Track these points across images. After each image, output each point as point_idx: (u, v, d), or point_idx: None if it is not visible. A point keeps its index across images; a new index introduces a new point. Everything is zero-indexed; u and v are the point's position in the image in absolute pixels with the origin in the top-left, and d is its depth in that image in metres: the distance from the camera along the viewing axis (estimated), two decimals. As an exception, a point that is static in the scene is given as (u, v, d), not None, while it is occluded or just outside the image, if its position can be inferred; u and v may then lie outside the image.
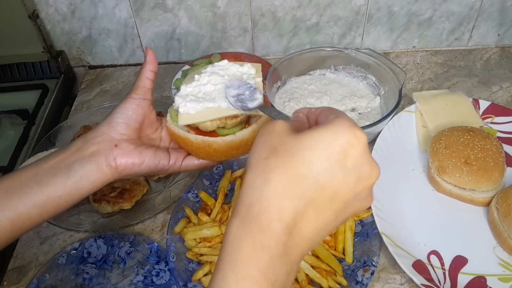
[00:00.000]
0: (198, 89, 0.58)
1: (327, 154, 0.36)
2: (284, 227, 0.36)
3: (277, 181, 0.36)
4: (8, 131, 1.07)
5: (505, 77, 1.12)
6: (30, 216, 0.51)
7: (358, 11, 1.12)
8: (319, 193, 0.36)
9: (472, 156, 0.80)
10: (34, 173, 0.52)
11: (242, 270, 0.36)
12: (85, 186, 0.53)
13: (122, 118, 0.56)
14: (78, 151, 0.54)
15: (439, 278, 0.72)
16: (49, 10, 1.11)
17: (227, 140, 0.55)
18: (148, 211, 0.85)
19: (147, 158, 0.55)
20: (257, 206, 0.37)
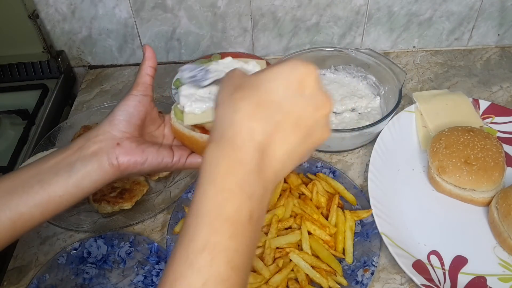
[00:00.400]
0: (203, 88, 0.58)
1: (287, 84, 0.41)
2: (256, 146, 0.39)
3: (245, 108, 0.40)
4: (8, 131, 1.07)
5: (505, 77, 1.12)
6: (31, 216, 0.51)
7: (358, 11, 1.12)
8: (284, 117, 0.40)
9: (472, 156, 0.80)
10: (35, 172, 0.52)
11: (221, 183, 0.39)
12: (87, 185, 0.53)
13: (124, 116, 0.55)
14: (80, 150, 0.53)
15: (439, 278, 0.72)
16: (49, 10, 1.11)
17: None
18: (148, 211, 0.85)
19: (150, 156, 0.55)
20: (229, 131, 0.40)
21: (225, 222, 0.38)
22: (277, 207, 0.78)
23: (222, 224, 0.38)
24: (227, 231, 0.38)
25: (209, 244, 0.37)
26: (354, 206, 0.81)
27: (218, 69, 0.59)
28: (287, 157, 0.41)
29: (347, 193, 0.82)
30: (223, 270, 0.37)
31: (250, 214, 0.39)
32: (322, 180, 0.84)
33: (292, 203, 0.79)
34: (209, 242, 0.37)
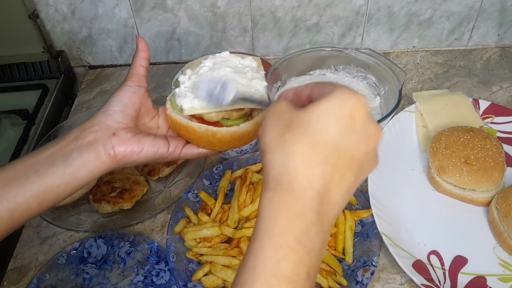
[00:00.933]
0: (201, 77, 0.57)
1: (338, 120, 0.39)
2: (315, 194, 0.38)
3: (300, 151, 0.38)
4: (8, 131, 1.07)
5: (505, 77, 1.12)
6: (28, 206, 0.51)
7: (358, 11, 1.12)
8: (339, 157, 0.39)
9: (472, 156, 0.80)
10: (31, 163, 0.51)
11: (279, 238, 0.37)
12: (83, 175, 0.52)
13: (119, 106, 0.55)
14: (75, 140, 0.52)
15: (439, 278, 0.72)
16: (49, 10, 1.11)
17: (231, 131, 0.55)
18: (148, 211, 0.85)
19: (146, 145, 0.54)
20: (285, 178, 0.38)
21: (283, 281, 0.37)
22: (277, 207, 0.78)
23: (280, 283, 0.36)
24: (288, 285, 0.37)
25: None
26: (354, 206, 0.81)
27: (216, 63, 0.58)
28: (343, 199, 0.40)
29: (347, 193, 0.82)
30: None
31: (308, 271, 0.38)
32: (322, 180, 0.83)
33: (292, 203, 0.79)
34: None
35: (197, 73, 0.58)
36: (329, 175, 0.38)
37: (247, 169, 0.86)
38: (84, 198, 0.88)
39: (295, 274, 0.37)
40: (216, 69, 0.57)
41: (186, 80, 0.58)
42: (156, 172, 0.91)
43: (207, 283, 0.71)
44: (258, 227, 0.39)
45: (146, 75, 0.58)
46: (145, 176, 0.92)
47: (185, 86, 0.57)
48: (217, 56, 0.60)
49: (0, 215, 0.50)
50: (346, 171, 0.39)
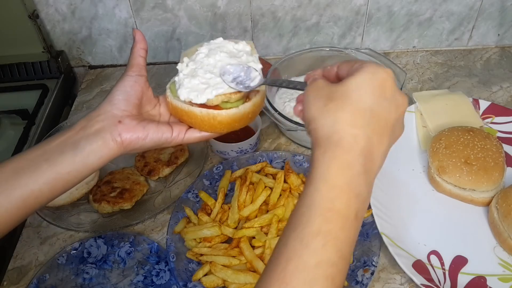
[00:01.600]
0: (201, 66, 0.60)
1: (371, 90, 0.45)
2: (361, 150, 0.44)
3: (344, 117, 0.44)
4: (8, 131, 1.07)
5: (505, 77, 1.12)
6: (41, 193, 0.53)
7: (358, 11, 1.12)
8: (376, 121, 0.45)
9: (472, 156, 0.80)
10: (41, 152, 0.54)
11: (332, 181, 0.43)
12: (93, 162, 0.55)
13: (122, 95, 0.57)
14: (83, 130, 0.55)
15: (439, 278, 0.72)
16: (49, 10, 1.11)
17: (231, 113, 0.58)
18: (148, 211, 0.85)
19: (151, 131, 0.57)
20: (335, 136, 0.44)
21: (336, 215, 0.42)
22: (277, 207, 0.78)
23: (334, 216, 0.42)
24: (337, 223, 0.42)
25: (323, 231, 0.41)
26: (354, 206, 0.81)
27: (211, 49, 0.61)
28: (382, 158, 0.46)
29: (347, 193, 0.82)
30: (333, 256, 0.41)
31: (356, 212, 0.43)
32: (322, 180, 0.83)
33: (292, 203, 0.79)
34: (322, 229, 0.41)
35: (194, 60, 0.60)
36: (370, 136, 0.44)
37: (247, 169, 0.86)
38: (84, 198, 0.88)
39: (346, 211, 0.43)
40: (212, 55, 0.60)
41: (184, 68, 0.60)
42: (156, 172, 0.91)
43: (207, 283, 0.71)
44: (312, 175, 0.44)
45: (145, 65, 0.61)
46: (145, 176, 0.92)
47: (184, 73, 0.59)
48: (212, 43, 0.62)
49: (14, 202, 0.52)
50: (383, 134, 0.45)
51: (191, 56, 0.61)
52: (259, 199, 0.80)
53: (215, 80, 0.58)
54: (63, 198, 0.86)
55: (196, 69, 0.59)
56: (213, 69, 0.59)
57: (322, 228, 0.42)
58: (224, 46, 0.61)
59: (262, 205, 0.80)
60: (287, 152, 0.91)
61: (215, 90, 0.57)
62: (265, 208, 0.80)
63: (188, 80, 0.58)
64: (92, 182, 0.89)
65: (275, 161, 0.90)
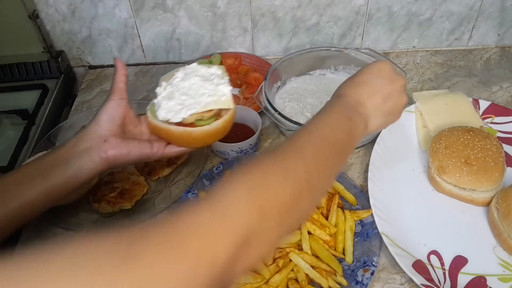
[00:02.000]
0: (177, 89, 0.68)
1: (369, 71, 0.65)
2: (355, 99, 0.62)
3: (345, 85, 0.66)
4: (8, 131, 1.07)
5: (505, 77, 1.12)
6: (37, 202, 0.60)
7: (358, 11, 1.12)
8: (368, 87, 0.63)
9: (472, 156, 0.80)
10: (36, 166, 0.62)
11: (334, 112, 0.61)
12: (83, 175, 0.62)
13: (106, 117, 0.65)
14: (73, 148, 0.63)
15: (439, 278, 0.72)
16: (49, 10, 1.11)
17: (205, 130, 0.66)
18: (148, 211, 0.85)
19: (133, 148, 0.65)
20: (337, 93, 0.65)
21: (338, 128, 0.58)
22: (277, 207, 0.78)
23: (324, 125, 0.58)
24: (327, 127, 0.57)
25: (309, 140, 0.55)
26: (354, 206, 0.81)
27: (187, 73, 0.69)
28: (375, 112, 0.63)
29: (347, 193, 0.82)
30: (327, 152, 0.53)
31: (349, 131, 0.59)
32: (322, 180, 0.83)
33: (292, 203, 0.78)
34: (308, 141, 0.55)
35: (171, 83, 0.69)
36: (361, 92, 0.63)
37: (247, 169, 0.86)
38: (84, 198, 0.88)
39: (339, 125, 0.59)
40: (187, 79, 0.68)
41: (162, 91, 0.68)
42: (156, 172, 0.91)
43: (207, 283, 0.71)
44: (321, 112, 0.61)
45: (125, 89, 0.69)
46: (145, 176, 0.92)
47: (162, 96, 0.67)
48: (187, 68, 0.70)
49: (13, 211, 0.59)
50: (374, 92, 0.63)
51: (169, 80, 0.69)
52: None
53: (189, 101, 0.65)
54: (63, 198, 0.85)
55: (173, 92, 0.67)
56: (188, 91, 0.67)
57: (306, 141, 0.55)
58: (198, 71, 0.69)
59: (262, 205, 0.80)
60: (287, 152, 0.91)
61: (190, 110, 0.64)
62: (265, 208, 0.80)
63: (166, 102, 0.66)
64: (92, 182, 0.89)
65: (275, 161, 0.90)
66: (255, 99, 0.93)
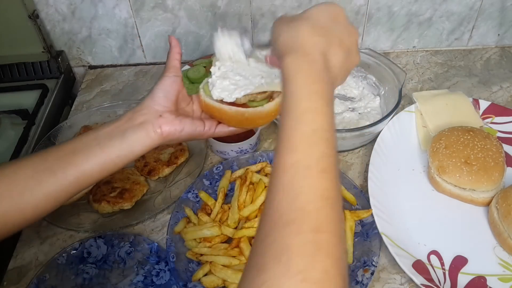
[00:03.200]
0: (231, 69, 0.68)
1: (328, 15, 0.55)
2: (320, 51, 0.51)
3: (305, 29, 0.53)
4: (8, 131, 1.07)
5: (505, 77, 1.12)
6: (92, 173, 0.60)
7: (358, 11, 1.12)
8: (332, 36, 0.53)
9: (472, 156, 0.80)
10: (93, 137, 0.62)
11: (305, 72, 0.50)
12: (137, 148, 0.62)
13: (162, 93, 0.66)
14: (129, 121, 0.63)
15: (439, 278, 0.72)
16: (49, 10, 1.11)
17: (257, 111, 0.65)
18: (148, 211, 0.85)
19: (187, 125, 0.65)
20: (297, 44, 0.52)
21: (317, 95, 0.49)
22: (277, 207, 0.78)
23: (317, 96, 0.49)
24: (321, 100, 0.48)
25: (311, 108, 0.48)
26: (354, 206, 0.81)
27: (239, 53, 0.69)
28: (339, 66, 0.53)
29: (347, 193, 0.82)
30: (325, 125, 0.47)
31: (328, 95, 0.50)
32: (322, 180, 0.83)
33: (292, 203, 0.78)
34: (310, 107, 0.48)
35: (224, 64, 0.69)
36: (327, 44, 0.52)
37: (247, 169, 0.86)
38: (84, 198, 0.88)
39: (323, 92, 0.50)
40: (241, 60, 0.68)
41: (216, 71, 0.68)
42: (156, 172, 0.91)
43: (207, 283, 0.71)
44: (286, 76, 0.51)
45: (180, 67, 0.70)
46: (145, 176, 0.92)
47: (216, 75, 0.67)
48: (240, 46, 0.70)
49: (69, 179, 0.59)
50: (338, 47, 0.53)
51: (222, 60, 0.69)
52: (259, 199, 0.80)
53: (243, 81, 0.66)
54: (63, 198, 0.86)
55: (227, 72, 0.67)
56: (242, 71, 0.67)
57: (310, 106, 0.48)
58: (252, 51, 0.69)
59: (262, 205, 0.80)
60: (287, 152, 0.91)
61: (243, 91, 0.64)
62: (265, 208, 0.80)
63: (220, 81, 0.66)
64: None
65: (275, 161, 0.90)
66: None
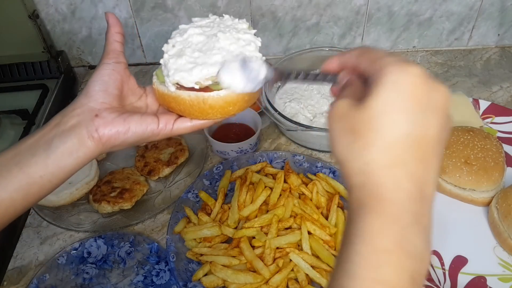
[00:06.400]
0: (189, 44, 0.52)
1: (402, 109, 0.35)
2: (407, 195, 0.35)
3: (377, 156, 0.36)
4: (8, 131, 1.07)
5: (505, 77, 1.12)
6: (13, 201, 0.47)
7: (358, 11, 1.12)
8: (418, 147, 0.36)
9: (472, 156, 0.80)
10: (12, 154, 0.48)
11: (375, 242, 0.35)
12: (68, 163, 0.48)
13: (99, 86, 0.51)
14: (57, 126, 0.49)
15: (439, 278, 0.72)
16: (49, 10, 1.11)
17: (223, 95, 0.50)
18: (148, 211, 0.85)
19: (133, 124, 0.50)
20: (370, 185, 0.36)
21: (385, 286, 0.34)
22: (277, 207, 0.78)
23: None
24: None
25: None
26: (354, 206, 0.81)
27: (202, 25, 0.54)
28: (434, 188, 0.37)
29: (347, 193, 0.82)
30: None
31: (412, 275, 0.34)
32: (322, 180, 0.84)
33: (292, 203, 0.79)
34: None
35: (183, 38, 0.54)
36: (415, 171, 0.35)
37: (247, 169, 0.86)
38: (84, 198, 0.88)
39: (398, 279, 0.34)
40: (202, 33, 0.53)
41: (170, 48, 0.53)
42: (156, 172, 0.91)
43: (207, 283, 0.71)
44: (350, 233, 0.36)
45: (122, 50, 0.55)
46: (145, 176, 0.92)
47: (170, 54, 0.52)
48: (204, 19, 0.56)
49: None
50: (429, 158, 0.36)
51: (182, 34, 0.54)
52: (259, 199, 0.80)
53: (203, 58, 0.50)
54: (63, 198, 0.86)
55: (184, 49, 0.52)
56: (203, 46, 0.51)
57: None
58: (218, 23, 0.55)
59: (262, 205, 0.80)
60: (287, 152, 0.91)
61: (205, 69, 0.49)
62: (265, 208, 0.80)
63: (174, 60, 0.51)
64: (92, 182, 0.89)
65: (275, 161, 0.90)
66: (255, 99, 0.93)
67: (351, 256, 0.35)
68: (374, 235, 0.35)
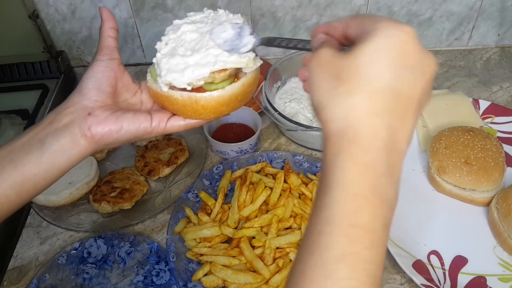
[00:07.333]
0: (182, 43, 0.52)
1: (389, 62, 0.36)
2: (382, 144, 0.36)
3: (358, 103, 0.36)
4: (8, 131, 1.07)
5: (505, 77, 1.12)
6: (7, 199, 0.48)
7: (358, 11, 1.12)
8: (398, 101, 0.36)
9: (472, 156, 0.80)
10: (6, 152, 0.49)
11: (353, 188, 0.35)
12: (62, 161, 0.49)
13: (92, 84, 0.51)
14: (50, 125, 0.49)
15: (439, 278, 0.72)
16: (49, 10, 1.11)
17: (216, 95, 0.50)
18: (148, 211, 0.85)
19: (125, 123, 0.50)
20: (349, 131, 0.36)
21: (361, 231, 0.35)
22: (277, 207, 0.78)
23: (358, 233, 0.35)
24: (364, 241, 0.35)
25: (347, 255, 0.34)
26: (354, 206, 0.81)
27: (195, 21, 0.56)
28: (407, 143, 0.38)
29: (347, 193, 0.82)
30: (361, 284, 0.34)
31: (384, 222, 0.36)
32: (322, 180, 0.83)
33: (292, 203, 0.79)
34: (347, 252, 0.34)
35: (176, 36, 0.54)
36: (392, 123, 0.36)
37: (247, 169, 0.86)
38: (84, 198, 0.88)
39: (372, 223, 0.35)
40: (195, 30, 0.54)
41: (163, 46, 0.53)
42: (156, 172, 0.91)
43: (207, 283, 0.71)
44: (327, 181, 0.37)
45: (116, 46, 0.54)
46: (145, 176, 0.92)
47: (162, 53, 0.52)
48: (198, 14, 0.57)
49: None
50: (406, 115, 0.37)
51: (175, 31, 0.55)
52: (259, 199, 0.80)
53: (196, 58, 0.50)
54: (63, 198, 0.86)
55: (176, 47, 0.52)
56: (196, 45, 0.51)
57: (346, 250, 0.34)
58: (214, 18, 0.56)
59: (262, 205, 0.80)
60: (287, 152, 0.91)
61: (197, 70, 0.48)
62: (265, 208, 0.80)
63: (166, 60, 0.51)
64: (92, 182, 0.89)
65: (275, 161, 0.90)
66: (255, 99, 0.93)
67: (328, 203, 0.36)
68: (351, 182, 0.36)
